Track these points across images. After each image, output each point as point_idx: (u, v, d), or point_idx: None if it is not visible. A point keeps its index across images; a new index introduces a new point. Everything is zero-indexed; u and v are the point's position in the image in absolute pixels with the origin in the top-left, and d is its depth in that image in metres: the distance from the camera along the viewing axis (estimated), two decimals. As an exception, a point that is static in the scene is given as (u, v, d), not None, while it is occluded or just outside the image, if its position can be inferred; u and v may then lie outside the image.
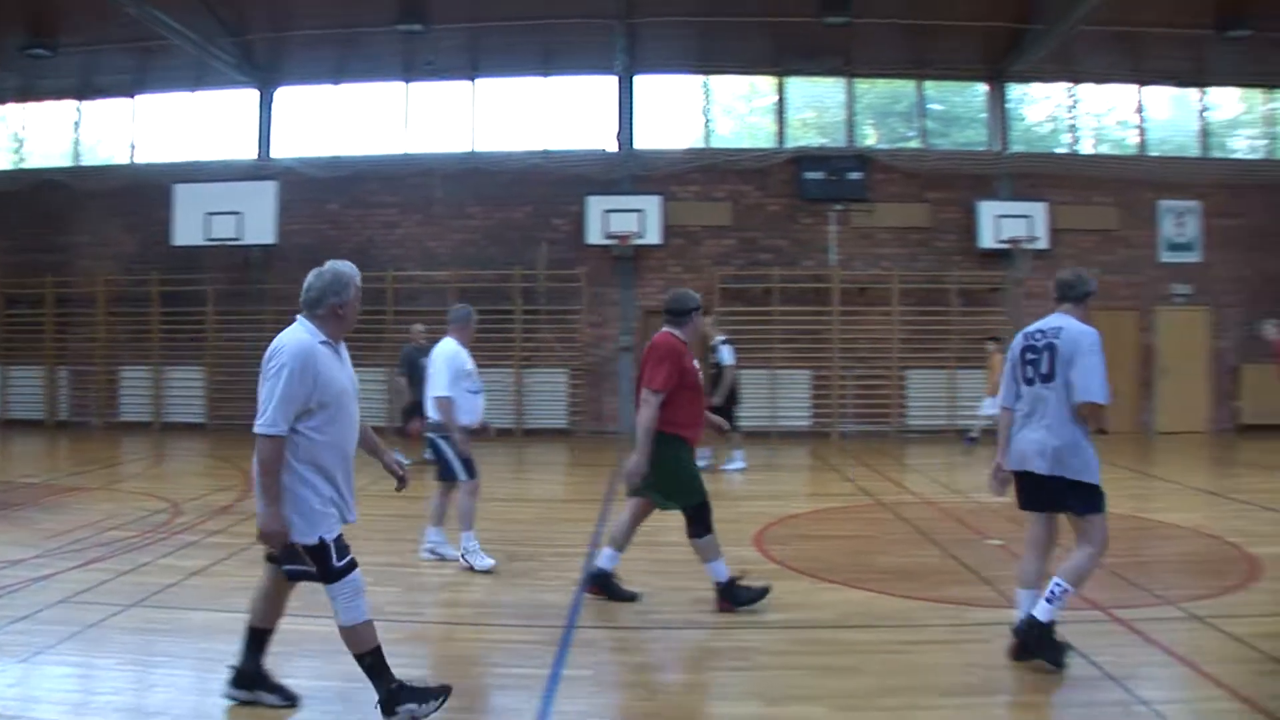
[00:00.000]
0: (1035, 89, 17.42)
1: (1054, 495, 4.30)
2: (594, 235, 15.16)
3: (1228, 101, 17.69)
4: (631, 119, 16.18)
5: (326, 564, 3.52)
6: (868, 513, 8.51)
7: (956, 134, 17.28)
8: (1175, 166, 16.63)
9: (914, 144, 16.73)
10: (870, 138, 17.13)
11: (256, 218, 15.52)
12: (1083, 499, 4.28)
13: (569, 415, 15.51)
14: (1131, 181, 16.42)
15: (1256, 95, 17.54)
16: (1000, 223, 15.66)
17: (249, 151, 16.69)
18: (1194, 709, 3.95)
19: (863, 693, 4.08)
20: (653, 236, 15.14)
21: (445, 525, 6.48)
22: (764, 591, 5.26)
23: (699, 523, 5.20)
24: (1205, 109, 17.19)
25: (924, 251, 15.95)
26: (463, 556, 6.14)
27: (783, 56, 16.20)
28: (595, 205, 15.16)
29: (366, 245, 16.02)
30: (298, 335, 3.55)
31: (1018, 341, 4.54)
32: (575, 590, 5.62)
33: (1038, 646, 4.21)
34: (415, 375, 9.86)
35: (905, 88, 17.04)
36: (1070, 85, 17.04)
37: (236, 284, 16.10)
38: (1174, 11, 15.50)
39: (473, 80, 16.62)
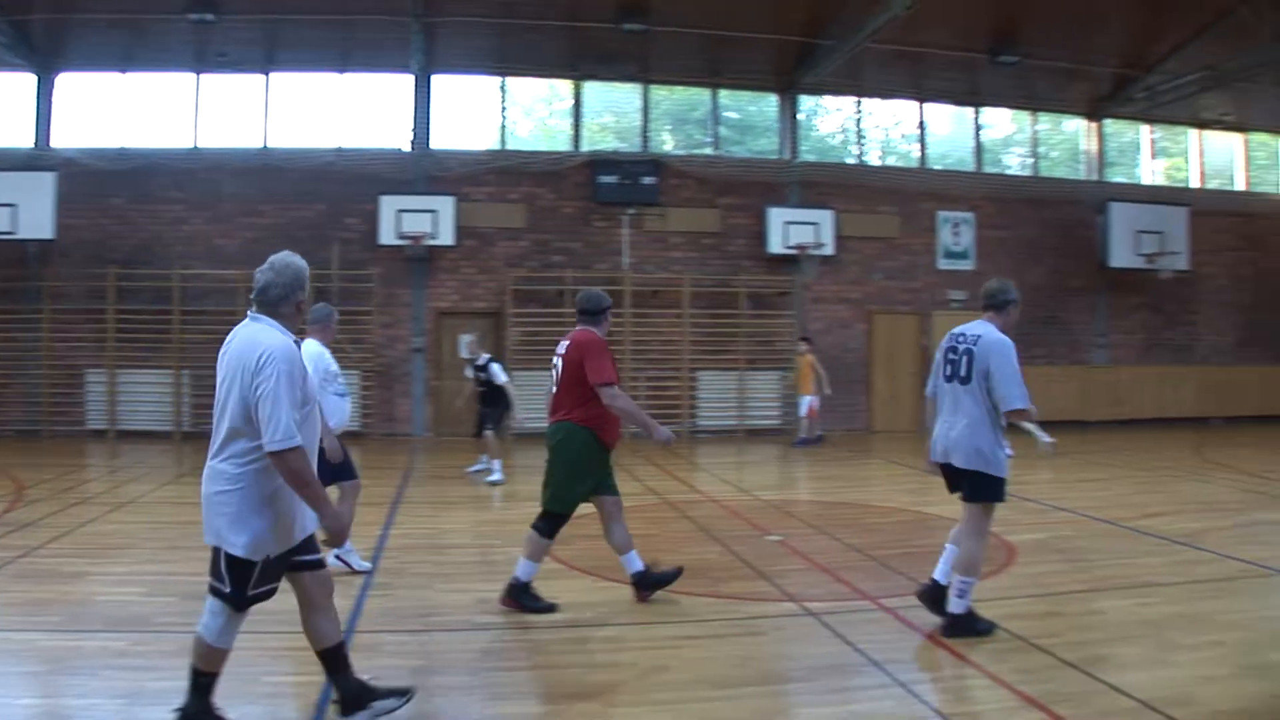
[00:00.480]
0: (826, 101, 19.10)
1: (960, 481, 5.03)
2: (387, 235, 15.66)
3: (1000, 121, 19.78)
4: (428, 119, 16.79)
5: (244, 586, 3.44)
6: (654, 512, 8.89)
7: (751, 142, 18.75)
8: (953, 180, 18.50)
9: (708, 151, 18.13)
10: (668, 143, 18.46)
11: (33, 210, 15.22)
12: (976, 487, 4.96)
13: (361, 417, 16.10)
14: (913, 192, 18.17)
15: (1025, 117, 19.70)
16: (789, 229, 17.12)
17: (25, 140, 16.66)
18: (945, 687, 4.50)
19: (638, 689, 4.34)
20: (446, 238, 15.72)
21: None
22: (550, 607, 5.38)
23: (549, 525, 5.40)
24: (980, 127, 19.21)
25: (715, 256, 17.25)
26: (336, 557, 6.03)
27: (580, 61, 17.12)
28: (389, 205, 15.64)
29: (152, 242, 16.23)
30: (276, 337, 3.42)
31: (945, 341, 5.26)
32: (357, 594, 5.71)
33: (965, 632, 4.88)
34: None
35: (702, 95, 18.43)
36: (858, 99, 18.77)
37: (11, 280, 15.93)
38: (952, 36, 17.23)
39: (266, 74, 16.90)
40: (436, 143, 16.76)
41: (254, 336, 3.44)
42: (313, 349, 5.98)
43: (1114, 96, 19.14)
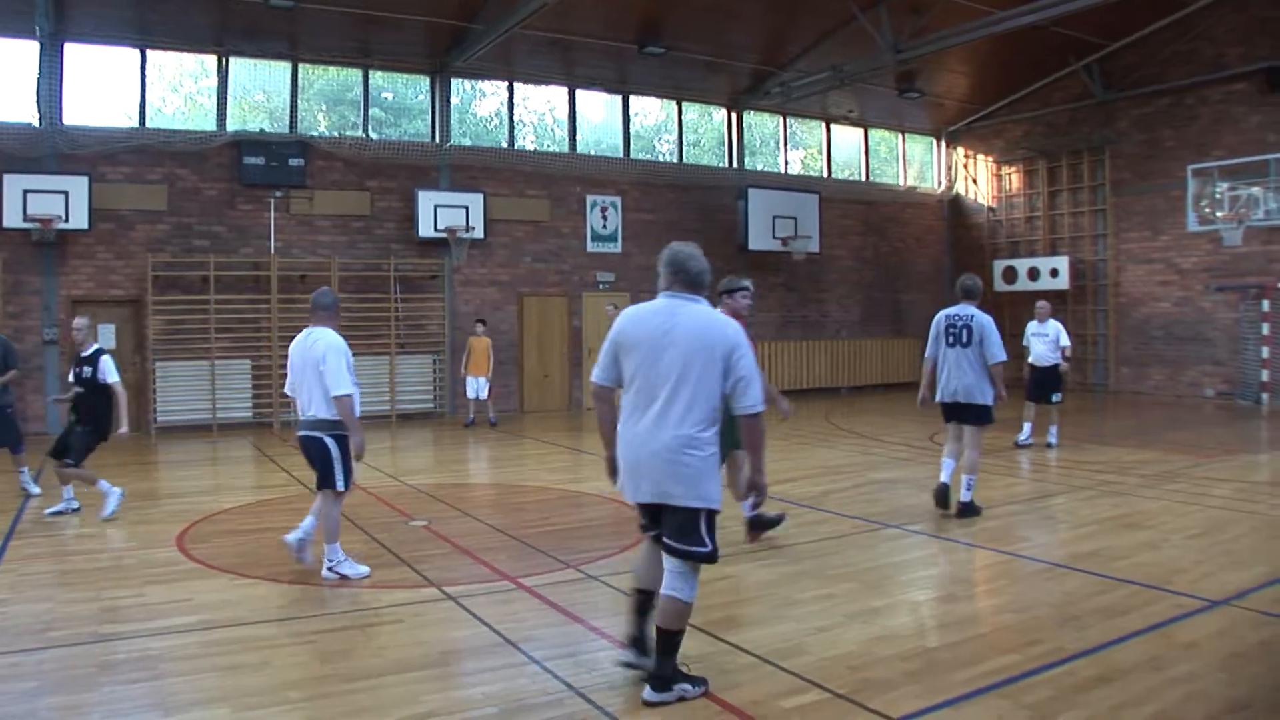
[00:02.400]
0: (482, 85, 23.70)
1: (965, 413, 9.29)
2: (12, 218, 16.08)
3: (649, 109, 25.36)
4: (59, 91, 18.31)
5: (714, 535, 4.80)
6: (301, 503, 9.33)
7: (406, 125, 22.88)
8: (601, 165, 23.04)
9: (358, 133, 22.25)
10: (321, 125, 22.38)
11: None
12: (979, 416, 9.25)
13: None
14: (562, 177, 22.75)
15: (671, 106, 25.29)
16: (439, 212, 21.60)
17: None
18: (579, 660, 5.23)
19: (270, 688, 4.83)
20: (79, 220, 16.46)
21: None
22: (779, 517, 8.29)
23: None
24: (629, 115, 24.67)
25: (364, 239, 21.00)
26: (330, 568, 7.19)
27: (226, 35, 19.34)
28: (14, 184, 16.17)
29: None
30: (720, 316, 4.98)
31: (940, 318, 9.40)
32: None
33: (970, 514, 9.22)
34: None
35: (354, 76, 22.50)
36: (510, 84, 23.53)
37: None
38: (602, 26, 21.05)
39: None
40: (69, 118, 18.39)
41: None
42: (337, 339, 7.13)
43: (753, 90, 24.70)
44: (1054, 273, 24.75)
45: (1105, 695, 4.92)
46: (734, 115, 23.47)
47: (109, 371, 9.65)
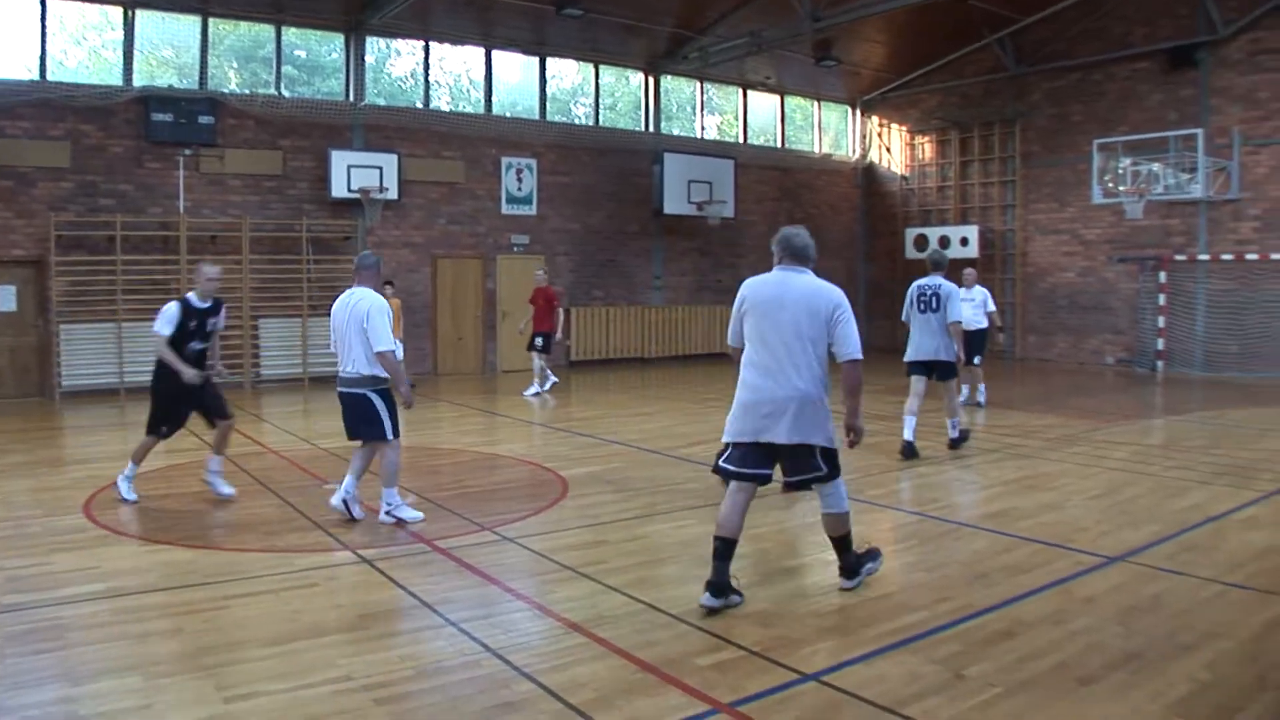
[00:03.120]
0: (399, 45, 23.39)
1: (936, 369, 10.78)
2: None
3: (566, 72, 25.17)
4: None
5: (835, 462, 5.76)
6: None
7: (320, 83, 22.42)
8: (517, 126, 22.92)
9: (270, 90, 21.79)
10: (233, 82, 21.85)
11: None
12: (947, 371, 10.88)
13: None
14: (478, 138, 22.72)
15: (589, 69, 25.16)
16: (352, 172, 21.36)
17: None
18: (494, 622, 5.31)
19: (183, 655, 4.78)
20: None
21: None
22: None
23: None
24: (546, 77, 24.47)
25: (276, 199, 20.68)
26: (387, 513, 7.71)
27: None
28: None
29: None
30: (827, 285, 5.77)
31: (914, 289, 10.82)
32: None
33: (963, 444, 11.23)
34: None
35: (267, 32, 22.02)
36: (426, 43, 23.17)
37: None
38: None
39: None
40: (-37, 71, 17.56)
41: (817, 284, 5.65)
42: (379, 299, 7.60)
43: (671, 54, 24.63)
44: (964, 241, 25.16)
45: (1010, 648, 5.13)
46: (651, 79, 23.43)
47: None
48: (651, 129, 23.44)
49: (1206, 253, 21.58)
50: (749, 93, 26.57)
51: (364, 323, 7.40)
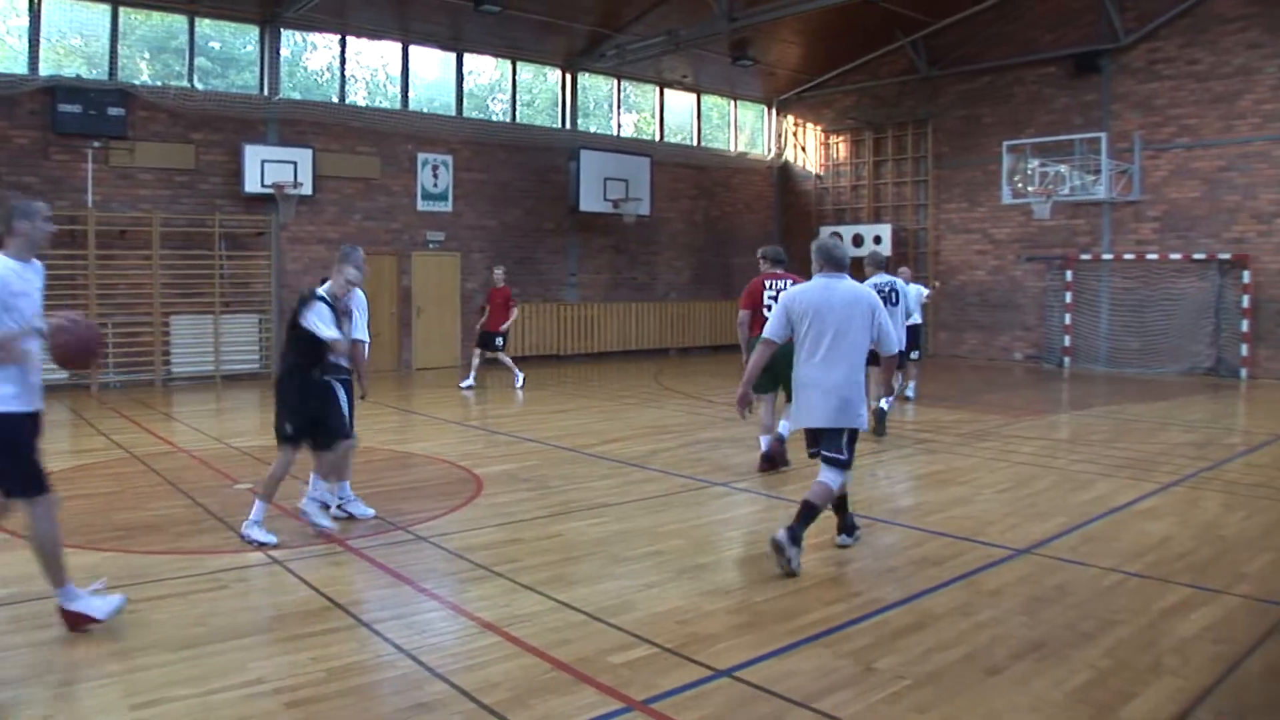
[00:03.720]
0: (315, 38, 23.01)
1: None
2: None
3: (484, 68, 25.01)
4: None
5: (853, 445, 6.62)
6: (119, 467, 9.55)
7: (235, 76, 22.05)
8: (433, 122, 22.69)
9: (183, 83, 21.31)
10: (144, 73, 21.32)
11: None
12: (901, 360, 11.45)
13: None
14: (394, 134, 22.44)
15: (506, 65, 25.00)
16: (266, 167, 20.98)
17: None
18: (408, 622, 5.25)
19: (88, 661, 4.64)
20: None
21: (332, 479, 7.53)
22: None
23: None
24: (463, 73, 24.27)
25: (188, 194, 20.19)
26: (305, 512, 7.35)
27: None
28: None
29: None
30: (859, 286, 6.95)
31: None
32: None
33: (883, 425, 11.58)
34: None
35: (180, 23, 21.50)
36: (342, 37, 22.89)
37: None
38: None
39: None
40: None
41: (857, 288, 6.61)
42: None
43: (588, 52, 24.54)
44: (877, 240, 25.49)
45: (919, 640, 5.20)
46: (569, 76, 23.39)
47: None
48: (568, 126, 23.31)
49: (1110, 252, 22.12)
50: (666, 91, 26.69)
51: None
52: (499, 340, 17.27)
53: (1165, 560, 6.72)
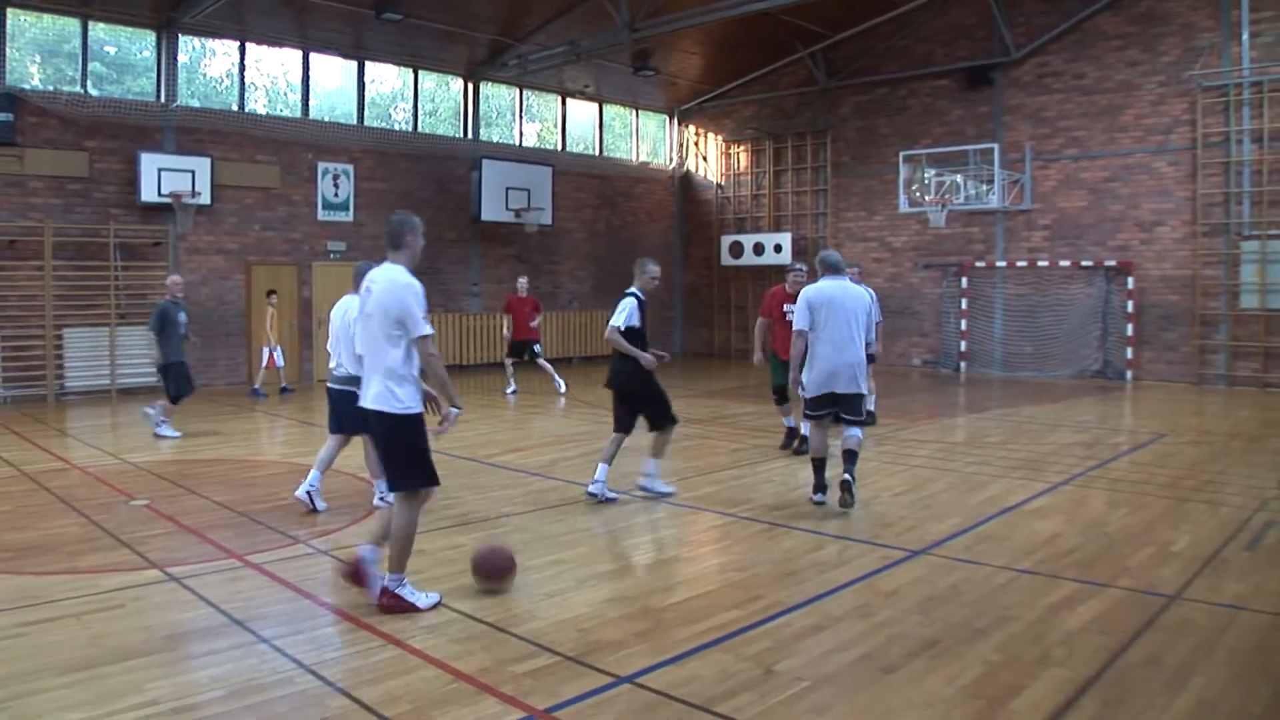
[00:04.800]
0: (214, 45, 22.58)
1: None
2: None
3: (385, 77, 24.80)
4: None
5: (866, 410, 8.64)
6: (9, 486, 9.34)
7: (131, 82, 21.52)
8: (334, 131, 22.40)
9: (76, 88, 20.69)
10: (35, 77, 20.66)
11: None
12: (869, 359, 10.25)
13: None
14: (294, 143, 22.11)
15: (408, 74, 24.80)
16: (163, 176, 20.45)
17: None
18: (309, 637, 5.22)
19: None
20: None
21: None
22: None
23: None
24: (365, 81, 24.03)
25: (81, 203, 19.49)
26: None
27: None
28: None
29: None
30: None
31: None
32: None
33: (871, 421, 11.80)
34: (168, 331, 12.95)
35: (73, 26, 20.85)
36: (241, 44, 22.47)
37: None
38: None
39: None
40: None
41: (859, 290, 8.64)
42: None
43: (490, 61, 24.40)
44: (777, 248, 25.80)
45: (819, 642, 5.32)
46: (471, 86, 23.31)
47: None
48: (470, 136, 23.21)
49: (1003, 259, 22.68)
50: (568, 101, 26.70)
51: (353, 328, 7.42)
52: (537, 347, 18.02)
53: (1054, 557, 6.95)
